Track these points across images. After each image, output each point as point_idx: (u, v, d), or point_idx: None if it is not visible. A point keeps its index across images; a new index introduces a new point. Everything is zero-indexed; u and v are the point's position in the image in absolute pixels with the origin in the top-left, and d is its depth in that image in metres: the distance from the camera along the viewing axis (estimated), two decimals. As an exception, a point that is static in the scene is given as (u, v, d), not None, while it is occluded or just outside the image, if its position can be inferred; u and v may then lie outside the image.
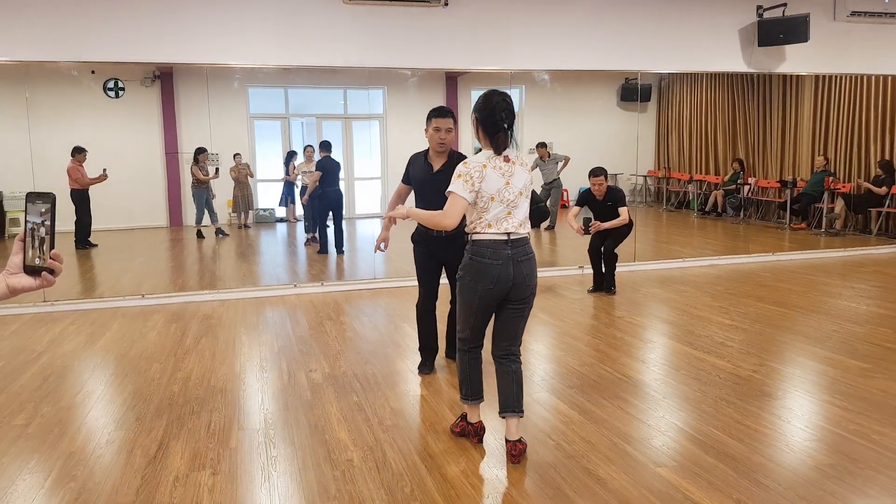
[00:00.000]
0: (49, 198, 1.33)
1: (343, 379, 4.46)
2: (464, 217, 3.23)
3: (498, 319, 3.36)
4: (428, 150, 4.29)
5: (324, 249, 9.29)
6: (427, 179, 4.23)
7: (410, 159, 4.42)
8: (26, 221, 1.34)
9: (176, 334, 5.62)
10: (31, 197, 1.32)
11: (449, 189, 3.17)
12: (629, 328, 5.62)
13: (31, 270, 1.37)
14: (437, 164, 4.22)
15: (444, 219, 3.16)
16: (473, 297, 3.26)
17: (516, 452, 3.28)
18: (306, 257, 9.35)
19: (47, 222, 1.34)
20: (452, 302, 4.33)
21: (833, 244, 9.65)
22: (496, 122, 3.15)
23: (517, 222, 3.21)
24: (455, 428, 3.61)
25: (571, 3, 7.52)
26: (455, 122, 4.24)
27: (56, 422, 3.84)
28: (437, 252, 4.36)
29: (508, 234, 3.19)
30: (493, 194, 3.15)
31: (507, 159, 3.20)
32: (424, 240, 4.37)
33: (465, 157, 3.55)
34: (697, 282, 7.38)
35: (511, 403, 3.34)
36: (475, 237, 3.23)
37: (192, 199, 10.28)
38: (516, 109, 3.33)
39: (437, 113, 4.19)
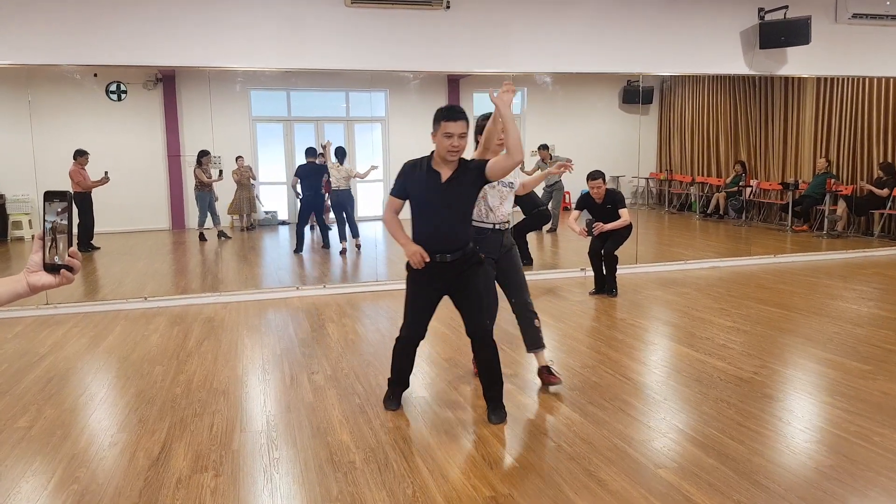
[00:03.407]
0: (66, 196, 1.36)
1: (345, 381, 4.48)
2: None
3: None
4: (431, 156, 3.66)
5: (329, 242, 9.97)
6: (433, 191, 3.60)
7: (405, 168, 3.71)
8: (44, 220, 1.36)
9: (178, 337, 5.64)
10: (49, 196, 1.35)
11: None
12: (630, 330, 5.63)
13: (50, 268, 1.39)
14: (445, 174, 3.60)
15: None
16: None
17: None
18: (309, 260, 9.37)
19: (64, 220, 1.36)
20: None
21: (835, 246, 9.65)
22: None
23: None
24: None
25: (573, 5, 7.53)
26: (468, 124, 3.58)
27: (59, 424, 3.86)
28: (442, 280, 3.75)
29: None
30: None
31: None
32: (428, 267, 3.63)
33: (475, 161, 3.67)
34: (699, 284, 7.39)
35: None
36: None
37: (194, 201, 10.29)
38: (518, 112, 3.51)
39: (446, 115, 3.53)
